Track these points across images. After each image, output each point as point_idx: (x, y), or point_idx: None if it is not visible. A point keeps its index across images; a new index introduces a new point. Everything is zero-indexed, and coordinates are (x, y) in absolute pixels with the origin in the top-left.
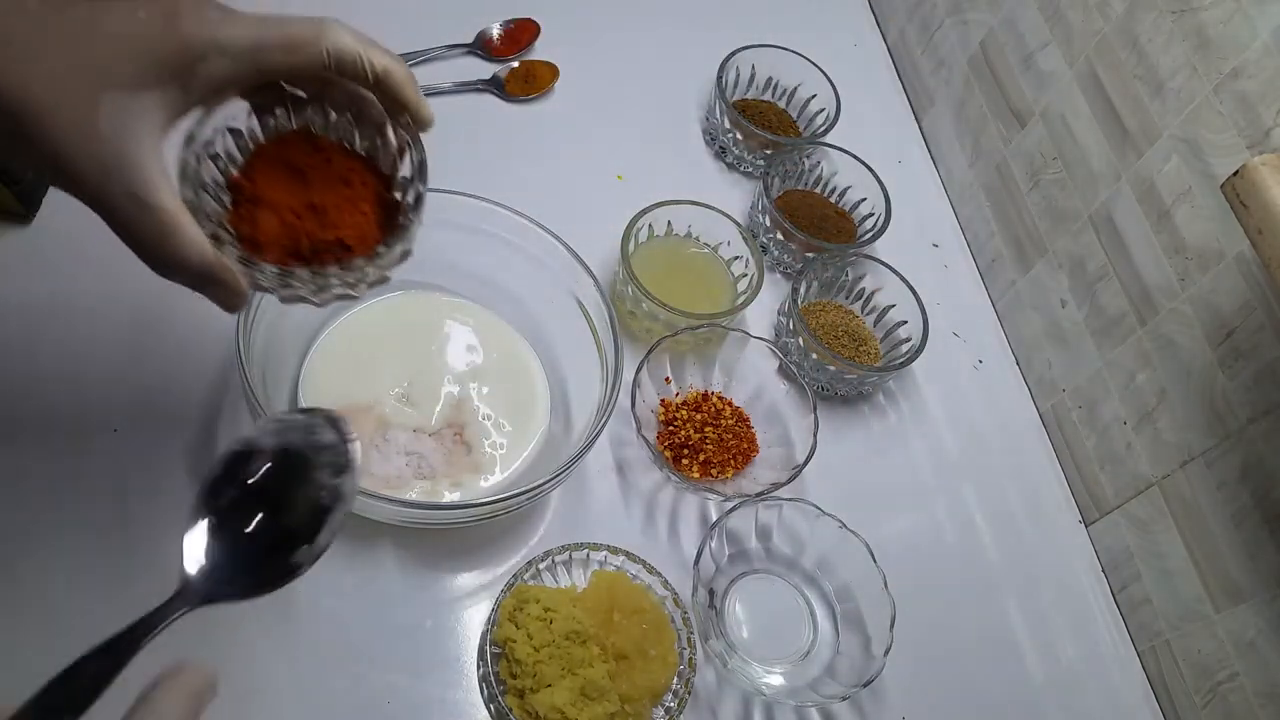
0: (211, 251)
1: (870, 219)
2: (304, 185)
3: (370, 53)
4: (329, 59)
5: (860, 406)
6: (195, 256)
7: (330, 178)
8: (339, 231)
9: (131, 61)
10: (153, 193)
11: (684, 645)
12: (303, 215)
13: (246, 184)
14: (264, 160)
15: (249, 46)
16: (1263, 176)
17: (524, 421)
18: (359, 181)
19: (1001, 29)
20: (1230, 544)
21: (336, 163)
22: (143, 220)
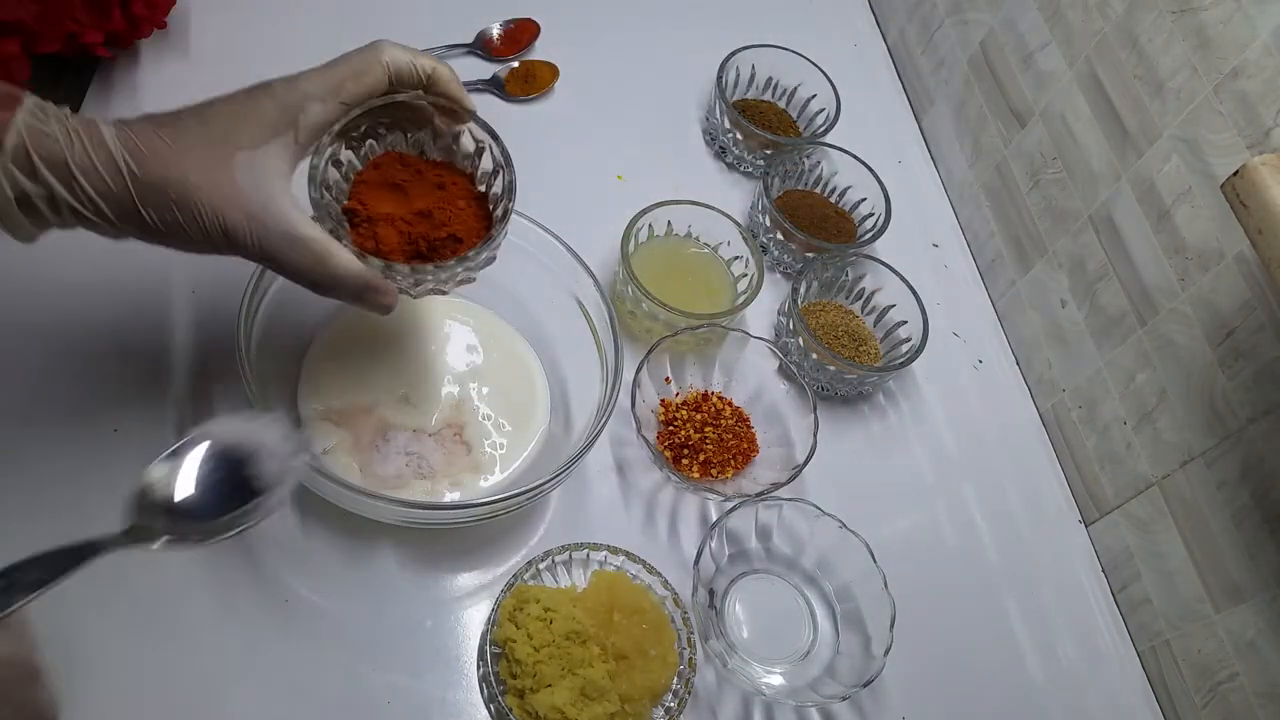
0: (362, 266)
1: (870, 219)
2: (406, 197)
3: (418, 59)
4: (389, 71)
5: (860, 406)
6: (352, 271)
7: (425, 186)
8: (449, 228)
9: (249, 126)
10: (300, 227)
11: (684, 645)
12: (413, 222)
13: (360, 207)
14: (366, 185)
15: (331, 88)
16: (1263, 176)
17: (524, 421)
18: (450, 183)
19: (1001, 29)
20: (1230, 544)
21: (426, 173)
22: (300, 252)
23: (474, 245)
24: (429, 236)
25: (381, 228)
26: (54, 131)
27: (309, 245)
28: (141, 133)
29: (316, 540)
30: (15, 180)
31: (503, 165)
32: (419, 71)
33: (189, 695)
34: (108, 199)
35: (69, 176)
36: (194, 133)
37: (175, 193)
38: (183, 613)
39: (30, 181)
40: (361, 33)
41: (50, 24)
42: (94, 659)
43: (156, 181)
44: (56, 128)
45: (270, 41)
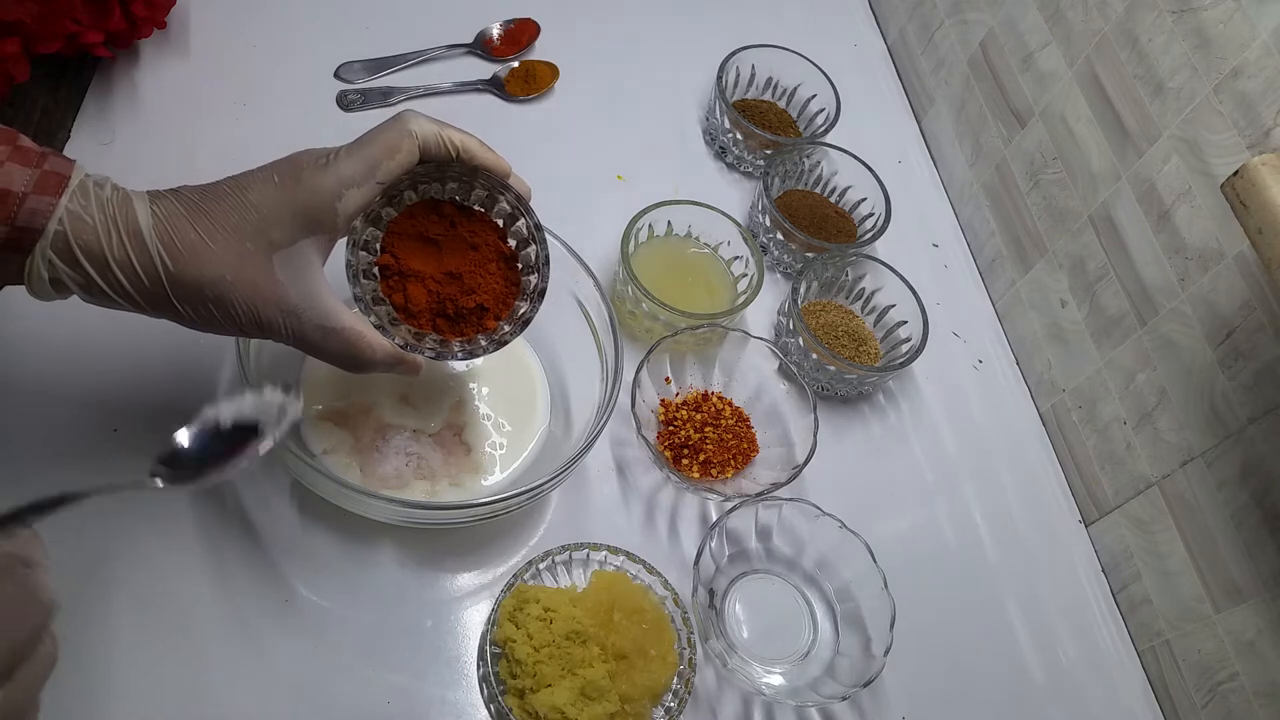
0: (390, 346)
1: (870, 219)
2: (439, 253)
3: (444, 132)
4: (418, 142)
5: (860, 406)
6: (381, 356)
7: (459, 244)
8: (478, 296)
9: (285, 225)
10: (334, 318)
11: (684, 645)
12: (444, 283)
13: (392, 261)
14: (401, 236)
15: (366, 171)
16: (1263, 176)
17: (524, 421)
18: (483, 243)
19: (1001, 29)
20: (1230, 544)
21: (460, 227)
22: (334, 342)
23: (503, 316)
24: (457, 301)
25: (412, 285)
26: (93, 220)
27: (342, 335)
28: (177, 223)
29: (316, 540)
30: (53, 266)
31: (535, 238)
32: (446, 144)
33: (189, 695)
34: (141, 292)
35: (105, 267)
36: (229, 228)
37: (211, 291)
38: (183, 612)
39: (68, 268)
40: (362, 34)
41: (50, 24)
42: (95, 659)
43: (192, 280)
44: (96, 215)
45: (270, 42)
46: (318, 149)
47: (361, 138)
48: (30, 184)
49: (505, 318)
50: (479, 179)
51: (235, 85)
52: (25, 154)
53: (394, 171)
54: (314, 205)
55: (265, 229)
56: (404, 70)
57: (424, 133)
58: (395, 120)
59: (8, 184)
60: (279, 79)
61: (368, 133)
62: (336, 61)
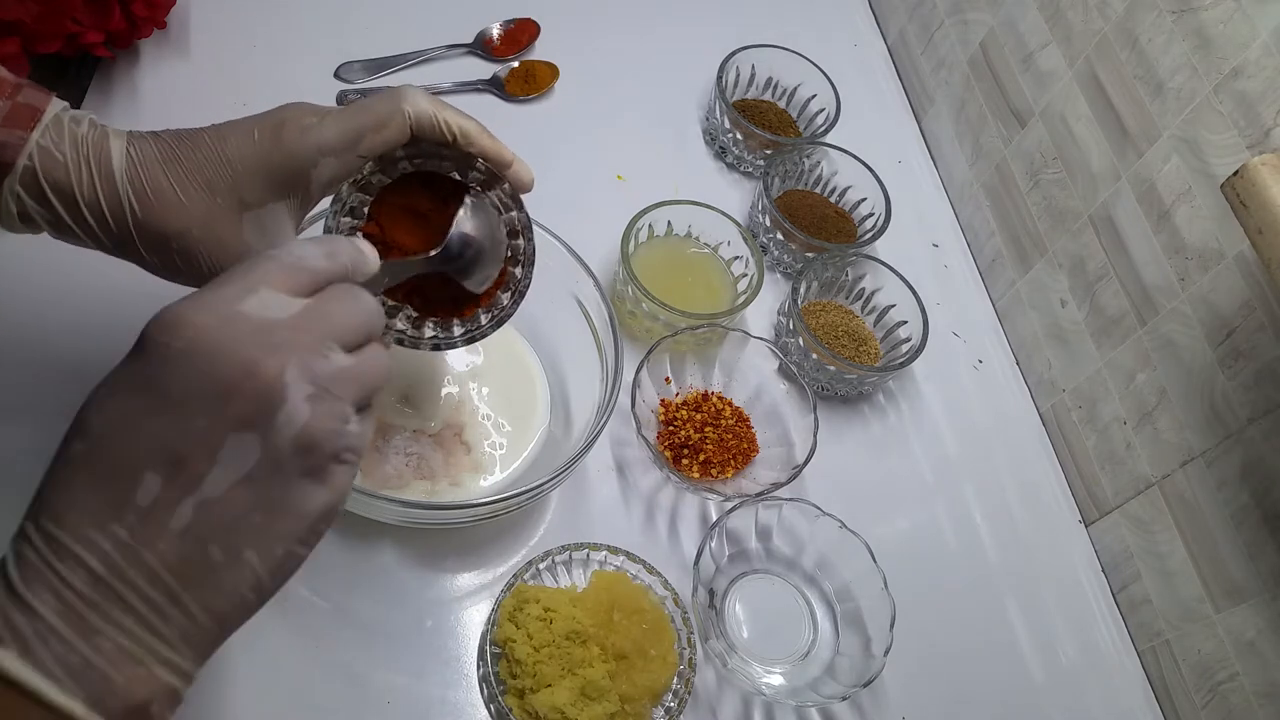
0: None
1: (870, 219)
2: (427, 230)
3: (443, 114)
4: (410, 122)
5: (860, 406)
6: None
7: (448, 222)
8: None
9: (258, 185)
10: None
11: (684, 645)
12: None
13: (377, 230)
14: (389, 206)
15: (347, 141)
16: (1263, 176)
17: (524, 421)
18: None
19: (1001, 29)
20: (1230, 544)
21: (452, 207)
22: None
23: (483, 305)
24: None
25: (394, 257)
26: (64, 157)
27: None
28: (151, 169)
29: None
30: (21, 201)
31: (524, 234)
32: (443, 127)
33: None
34: (108, 234)
35: (73, 206)
36: (202, 181)
37: (177, 243)
38: None
39: (36, 204)
40: (362, 34)
41: (50, 24)
42: None
43: (158, 230)
44: (69, 152)
45: (270, 42)
46: (308, 106)
47: (353, 104)
48: (0, 115)
49: (485, 306)
50: (475, 164)
51: (235, 85)
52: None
53: (378, 147)
54: (288, 169)
55: (237, 186)
56: (404, 70)
57: (419, 111)
58: (390, 93)
59: None
60: (279, 79)
61: (360, 100)
62: (336, 61)
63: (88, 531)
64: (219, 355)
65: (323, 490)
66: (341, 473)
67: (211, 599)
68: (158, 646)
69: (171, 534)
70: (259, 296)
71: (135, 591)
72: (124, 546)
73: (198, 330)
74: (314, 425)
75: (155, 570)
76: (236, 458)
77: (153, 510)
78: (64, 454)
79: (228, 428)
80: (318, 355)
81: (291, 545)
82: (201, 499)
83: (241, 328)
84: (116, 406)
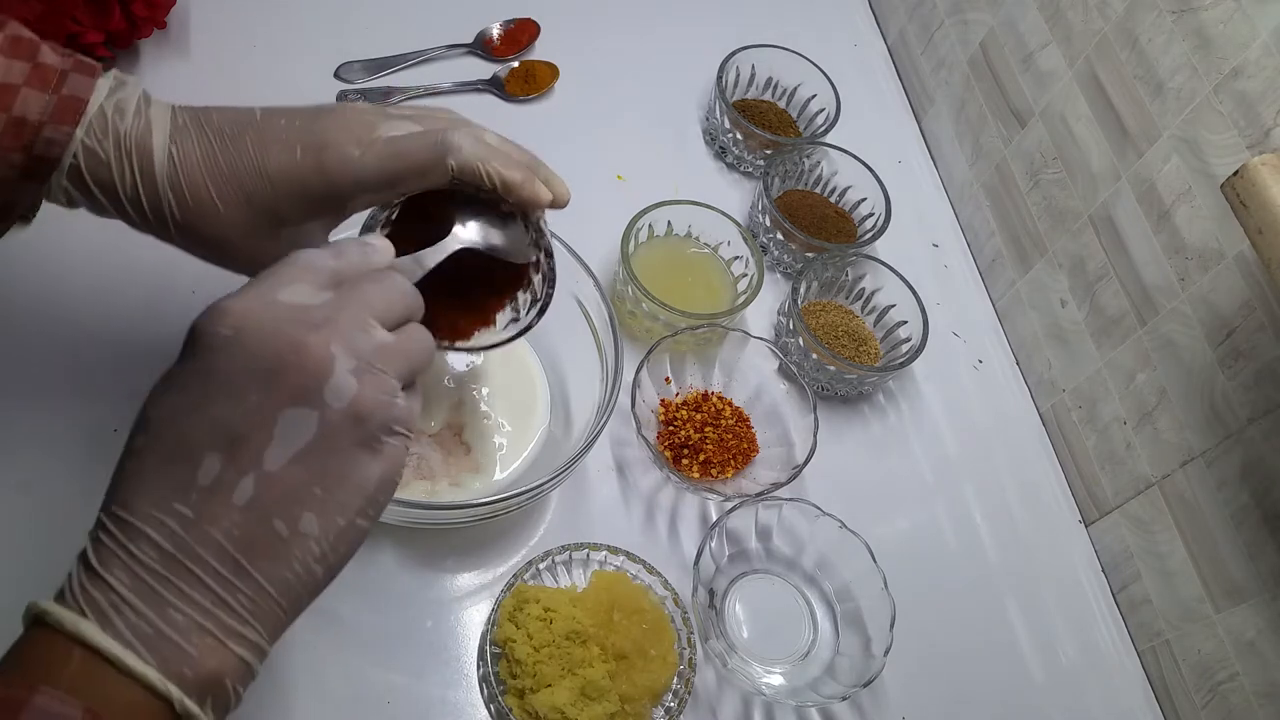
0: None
1: (870, 219)
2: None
3: (489, 165)
4: (454, 173)
5: (860, 406)
6: None
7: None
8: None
9: (296, 206)
10: None
11: (684, 645)
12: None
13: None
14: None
15: (386, 182)
16: (1263, 176)
17: (524, 421)
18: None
19: (1001, 29)
20: (1230, 544)
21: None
22: None
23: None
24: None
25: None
26: (107, 156)
27: None
28: (192, 174)
29: None
30: (69, 194)
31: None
32: (489, 179)
33: None
34: (151, 228)
35: (117, 200)
36: (242, 194)
37: (214, 249)
38: None
39: (83, 198)
40: (362, 34)
41: (50, 24)
42: None
43: (196, 234)
44: (111, 151)
45: (270, 42)
46: (353, 123)
47: (398, 142)
48: (47, 111)
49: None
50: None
51: (235, 85)
52: (44, 74)
53: (416, 190)
54: (327, 196)
55: (276, 204)
56: (404, 70)
57: (462, 163)
58: (437, 139)
59: (24, 112)
60: (279, 79)
61: (406, 137)
62: (336, 61)
63: (154, 512)
64: (265, 336)
65: (378, 461)
66: (394, 444)
67: (278, 571)
68: (228, 619)
69: (235, 509)
70: (294, 288)
71: (203, 565)
72: (190, 523)
73: (242, 316)
74: (363, 397)
75: (221, 544)
76: (292, 432)
77: (215, 488)
78: (129, 448)
79: (280, 404)
80: (359, 331)
81: (352, 516)
82: (261, 474)
83: (282, 311)
84: (173, 398)
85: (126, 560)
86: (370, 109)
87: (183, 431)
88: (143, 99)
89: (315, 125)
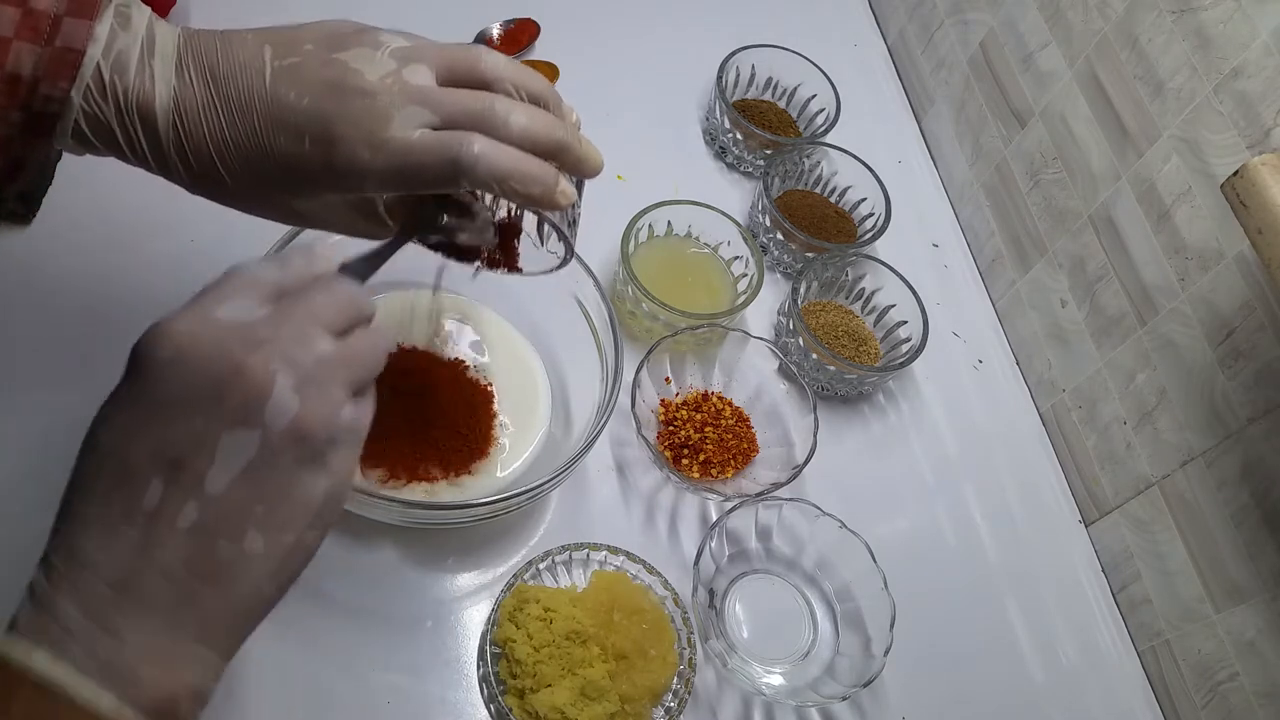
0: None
1: (870, 219)
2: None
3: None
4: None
5: (860, 406)
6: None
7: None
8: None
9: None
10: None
11: (684, 645)
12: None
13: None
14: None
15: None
16: (1263, 176)
17: (524, 421)
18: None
19: (1001, 29)
20: (1230, 544)
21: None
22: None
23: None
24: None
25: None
26: (109, 121)
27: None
28: (197, 143)
29: None
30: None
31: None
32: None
33: None
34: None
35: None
36: (248, 165)
37: (229, 203)
38: None
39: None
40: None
41: None
42: None
43: (209, 192)
44: (112, 115)
45: None
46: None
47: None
48: (40, 67)
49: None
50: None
51: None
52: (36, 21)
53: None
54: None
55: (284, 184)
56: None
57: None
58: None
59: (17, 68)
60: None
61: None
62: None
63: (101, 538)
64: (204, 358)
65: (323, 475)
66: (340, 457)
67: (227, 593)
68: (179, 644)
69: (180, 533)
70: (234, 304)
71: (152, 591)
72: (136, 549)
73: (181, 338)
74: (305, 414)
75: (168, 569)
76: (234, 454)
77: (160, 512)
78: (76, 471)
79: (221, 426)
80: (299, 345)
81: (299, 532)
82: (204, 497)
83: (222, 331)
84: (117, 421)
85: (77, 588)
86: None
87: (127, 456)
88: (145, 45)
89: (325, 108)
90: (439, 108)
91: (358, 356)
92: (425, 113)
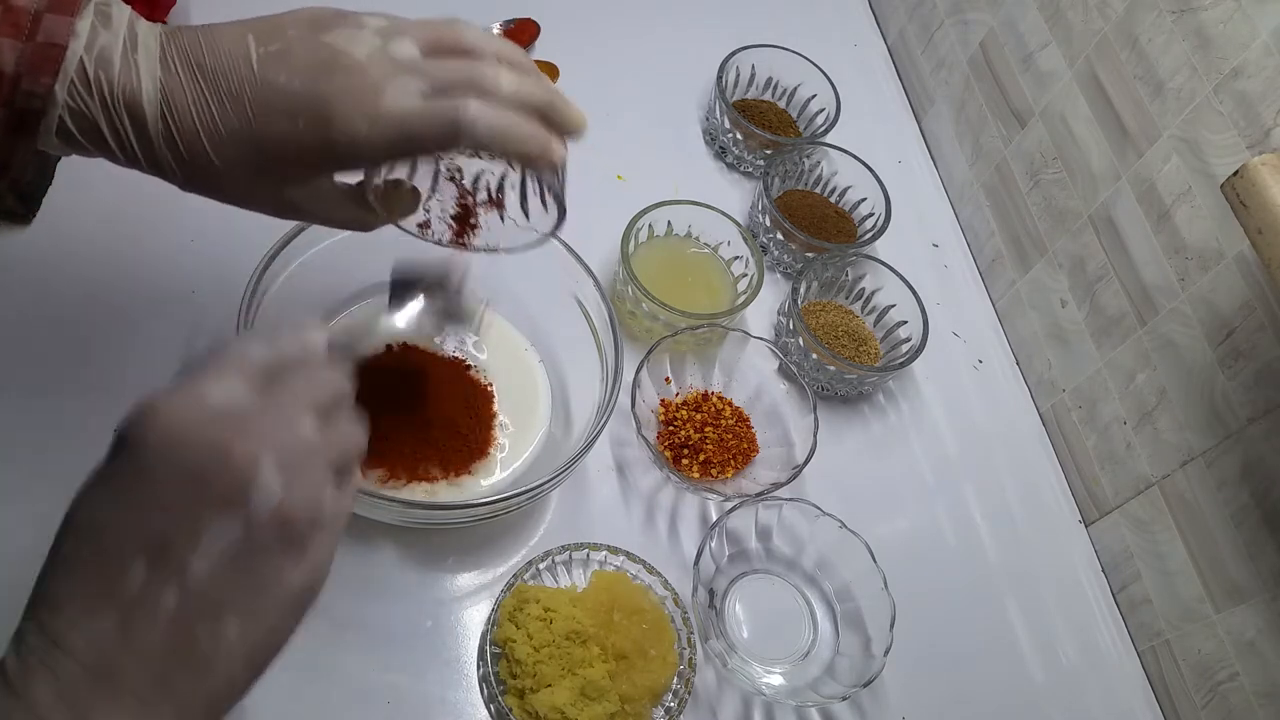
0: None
1: (870, 219)
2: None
3: (504, 146)
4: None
5: (860, 406)
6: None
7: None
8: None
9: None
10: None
11: (684, 645)
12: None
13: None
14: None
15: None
16: (1263, 176)
17: (524, 421)
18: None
19: (1001, 29)
20: (1230, 544)
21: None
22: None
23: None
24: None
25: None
26: (94, 116)
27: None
28: (188, 136)
29: None
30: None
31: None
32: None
33: None
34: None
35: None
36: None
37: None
38: None
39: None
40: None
41: None
42: None
43: (202, 189)
44: (98, 111)
45: None
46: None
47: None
48: (22, 62)
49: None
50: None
51: None
52: (16, 18)
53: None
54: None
55: (278, 168)
56: None
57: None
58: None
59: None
60: None
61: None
62: None
63: (80, 621)
64: (190, 442)
65: (304, 563)
66: (319, 544)
67: (202, 682)
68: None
69: (159, 621)
70: (222, 386)
71: (128, 678)
72: (114, 634)
73: (167, 421)
74: (289, 500)
75: (145, 658)
76: (217, 540)
77: (139, 599)
78: (55, 551)
79: (205, 511)
80: (285, 432)
81: (276, 621)
82: (186, 582)
83: (209, 415)
84: (100, 502)
85: (50, 674)
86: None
87: (109, 537)
88: (127, 41)
89: (318, 87)
90: (430, 76)
91: (341, 443)
92: (417, 82)
